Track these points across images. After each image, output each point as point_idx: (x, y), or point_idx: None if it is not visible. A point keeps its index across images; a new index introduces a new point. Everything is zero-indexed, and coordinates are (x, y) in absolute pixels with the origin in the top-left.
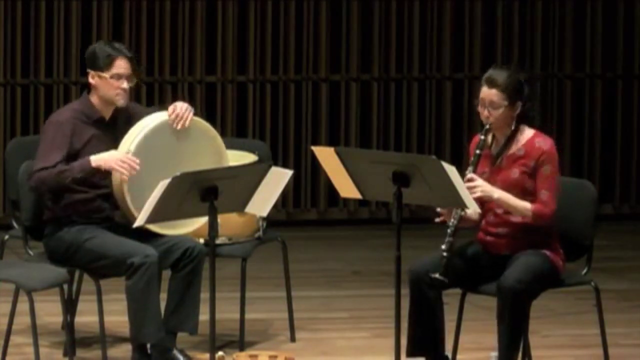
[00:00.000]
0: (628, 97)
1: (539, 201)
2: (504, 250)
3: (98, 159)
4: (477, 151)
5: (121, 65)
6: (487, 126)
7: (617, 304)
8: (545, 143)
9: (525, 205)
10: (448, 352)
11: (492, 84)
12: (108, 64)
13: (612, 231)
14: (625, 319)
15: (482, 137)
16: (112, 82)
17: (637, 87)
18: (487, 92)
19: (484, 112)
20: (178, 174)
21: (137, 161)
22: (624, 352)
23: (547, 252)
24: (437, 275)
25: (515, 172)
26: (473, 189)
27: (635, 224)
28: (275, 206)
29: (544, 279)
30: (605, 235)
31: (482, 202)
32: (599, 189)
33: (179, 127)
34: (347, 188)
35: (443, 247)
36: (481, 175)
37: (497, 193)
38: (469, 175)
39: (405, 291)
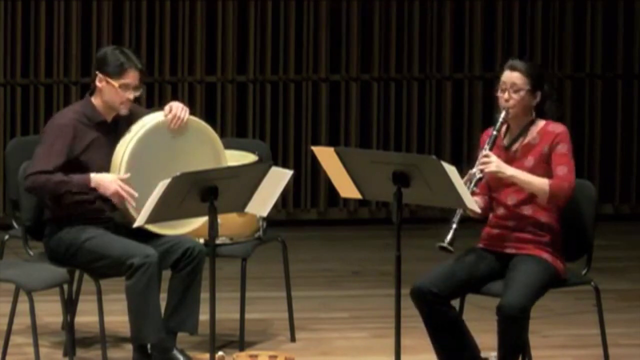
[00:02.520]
0: (628, 97)
1: (557, 177)
2: (508, 247)
3: (97, 182)
4: (494, 132)
5: (132, 77)
6: (504, 111)
7: (617, 304)
8: (558, 127)
9: (542, 180)
10: (484, 354)
11: (515, 68)
12: (119, 72)
13: (612, 231)
14: (625, 319)
15: (501, 119)
16: (119, 91)
17: (637, 87)
18: (509, 75)
19: (504, 96)
20: (178, 174)
21: (135, 195)
22: (624, 352)
23: (547, 257)
24: (444, 244)
25: (530, 161)
26: (488, 164)
27: (635, 224)
28: (275, 206)
29: (545, 288)
30: (605, 235)
31: (490, 200)
32: (599, 189)
33: (176, 127)
34: (347, 188)
35: (454, 219)
36: None
37: (511, 170)
38: (485, 152)
39: (405, 291)
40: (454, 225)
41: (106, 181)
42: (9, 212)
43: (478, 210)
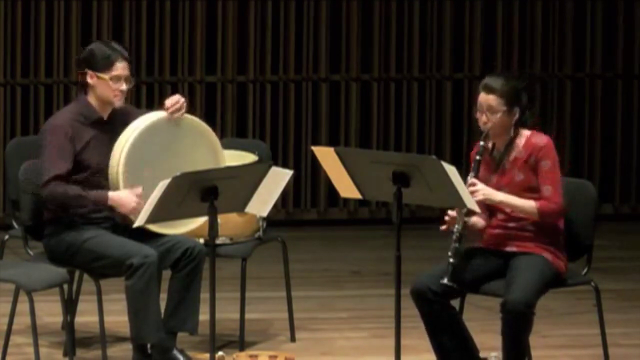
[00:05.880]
0: (628, 97)
1: (543, 197)
2: (509, 245)
3: (115, 201)
4: (477, 157)
5: (120, 67)
6: (485, 132)
7: (617, 304)
8: (541, 139)
9: (530, 203)
10: (484, 354)
11: (489, 90)
12: (107, 65)
13: (612, 231)
14: (625, 319)
15: (482, 143)
16: (110, 84)
17: (637, 87)
18: (485, 98)
19: (482, 118)
20: (178, 174)
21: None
22: (624, 352)
23: (548, 256)
24: (445, 282)
25: (519, 175)
26: (475, 193)
27: (635, 224)
28: (275, 206)
29: (547, 286)
30: (605, 235)
31: (488, 206)
32: (599, 189)
33: (175, 115)
34: (347, 188)
35: (449, 253)
36: (487, 183)
37: (500, 196)
38: (471, 180)
39: (405, 291)
40: (451, 260)
41: (124, 200)
42: (9, 212)
43: (478, 210)
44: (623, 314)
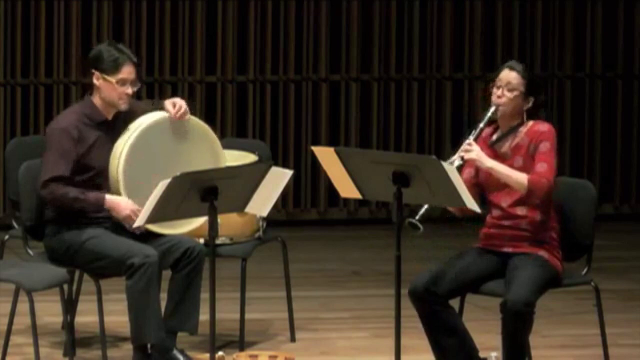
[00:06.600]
0: (628, 97)
1: (535, 172)
2: (505, 246)
3: (111, 205)
4: (480, 125)
5: (127, 71)
6: (495, 107)
7: (617, 304)
8: (543, 126)
9: (521, 174)
10: (484, 354)
11: (513, 68)
12: (114, 68)
13: (612, 231)
14: (625, 319)
15: (489, 114)
16: (116, 87)
17: (637, 87)
18: (507, 74)
19: (497, 92)
20: (178, 174)
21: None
22: (624, 352)
23: (544, 254)
24: (412, 219)
25: (518, 160)
26: (469, 152)
27: (635, 224)
28: (275, 206)
29: (546, 287)
30: (605, 235)
31: (489, 186)
32: (599, 189)
33: (180, 116)
34: (347, 188)
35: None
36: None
37: (490, 162)
38: (469, 141)
39: (405, 291)
40: (426, 206)
41: (121, 205)
42: (9, 212)
43: (478, 211)
44: (623, 314)
